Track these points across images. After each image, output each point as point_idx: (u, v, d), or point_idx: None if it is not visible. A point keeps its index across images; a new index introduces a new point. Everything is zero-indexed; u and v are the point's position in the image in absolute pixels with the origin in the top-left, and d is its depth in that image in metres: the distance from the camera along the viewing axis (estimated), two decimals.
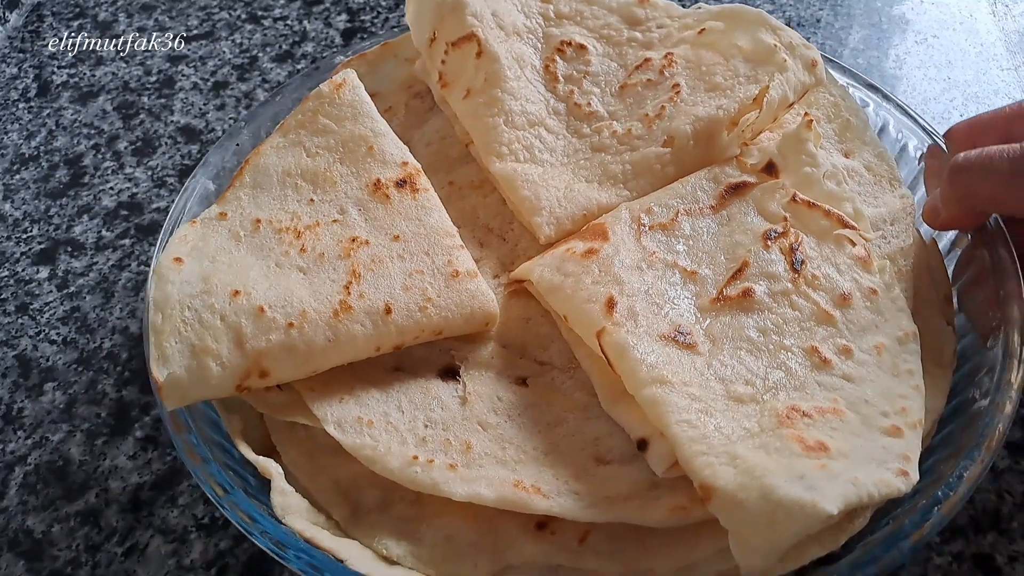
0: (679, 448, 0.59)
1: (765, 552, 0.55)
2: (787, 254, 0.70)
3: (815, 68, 0.84)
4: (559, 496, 0.62)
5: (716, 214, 0.75)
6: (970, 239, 0.75)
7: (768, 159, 0.77)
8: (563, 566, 0.62)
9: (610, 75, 0.86)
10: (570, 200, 0.77)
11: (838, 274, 0.70)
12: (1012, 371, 0.65)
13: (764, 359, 0.65)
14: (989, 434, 0.62)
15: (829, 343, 0.66)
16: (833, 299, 0.68)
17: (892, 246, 0.76)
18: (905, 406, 0.63)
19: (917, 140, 0.83)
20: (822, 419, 0.61)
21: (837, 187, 0.75)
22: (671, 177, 0.79)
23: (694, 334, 0.66)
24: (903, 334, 0.67)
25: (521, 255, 0.78)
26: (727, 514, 0.56)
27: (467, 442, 0.65)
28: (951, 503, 0.59)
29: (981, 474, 0.60)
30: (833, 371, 0.65)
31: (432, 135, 0.88)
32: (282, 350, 0.64)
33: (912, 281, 0.74)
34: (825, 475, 0.56)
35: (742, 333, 0.67)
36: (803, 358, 0.65)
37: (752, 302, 0.68)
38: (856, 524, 0.61)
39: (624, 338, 0.64)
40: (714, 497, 0.56)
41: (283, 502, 0.62)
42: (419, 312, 0.68)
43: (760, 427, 0.61)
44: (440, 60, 0.86)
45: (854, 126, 0.85)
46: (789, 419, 0.61)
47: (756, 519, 0.54)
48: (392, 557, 0.62)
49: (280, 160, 0.75)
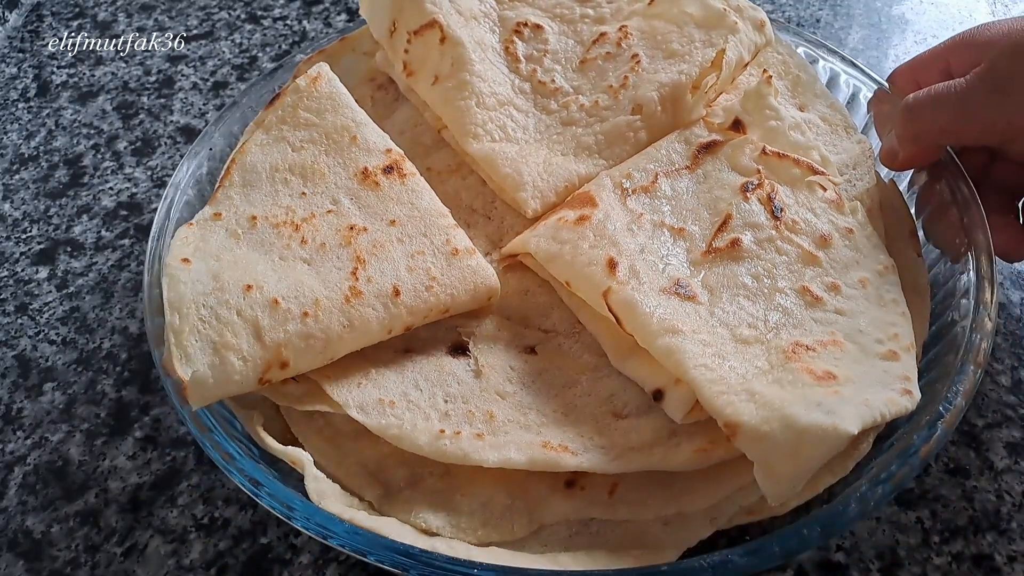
0: (700, 391, 0.61)
1: (792, 479, 0.58)
2: (766, 203, 0.74)
3: (764, 28, 0.87)
4: (586, 452, 0.64)
5: (692, 173, 0.78)
6: (927, 176, 0.80)
7: (734, 117, 0.80)
8: (596, 519, 0.65)
9: (569, 52, 0.89)
10: (551, 173, 0.80)
11: (815, 217, 0.74)
12: (985, 291, 0.70)
13: (761, 302, 0.69)
14: (975, 350, 0.66)
15: (818, 281, 0.70)
16: (815, 241, 0.72)
17: (857, 188, 0.80)
18: (896, 332, 0.67)
19: (865, 88, 0.87)
20: (824, 351, 0.65)
21: (802, 137, 0.79)
22: (644, 143, 0.82)
23: (693, 286, 0.69)
24: (882, 267, 0.71)
25: (508, 231, 0.80)
26: (754, 446, 0.58)
27: (489, 412, 0.66)
28: (952, 416, 0.63)
29: (974, 388, 0.65)
30: (826, 307, 0.68)
31: (403, 124, 0.89)
32: (300, 339, 0.64)
33: (880, 219, 0.78)
34: (839, 400, 0.59)
35: (737, 280, 0.70)
36: (796, 298, 0.69)
37: (741, 251, 0.71)
38: (861, 449, 0.65)
39: (631, 295, 0.67)
40: (740, 432, 0.59)
41: (317, 488, 0.62)
42: (426, 291, 0.69)
43: (770, 364, 0.64)
44: (403, 50, 0.87)
45: (804, 81, 0.89)
46: (795, 354, 0.64)
47: (782, 448, 0.57)
48: (432, 529, 0.63)
49: (266, 156, 0.75)
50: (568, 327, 0.74)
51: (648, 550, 0.62)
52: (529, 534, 0.64)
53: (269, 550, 0.69)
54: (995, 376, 0.78)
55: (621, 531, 0.64)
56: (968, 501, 0.71)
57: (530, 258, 0.75)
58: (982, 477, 0.72)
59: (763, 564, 0.57)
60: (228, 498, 0.72)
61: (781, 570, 0.67)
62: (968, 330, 0.68)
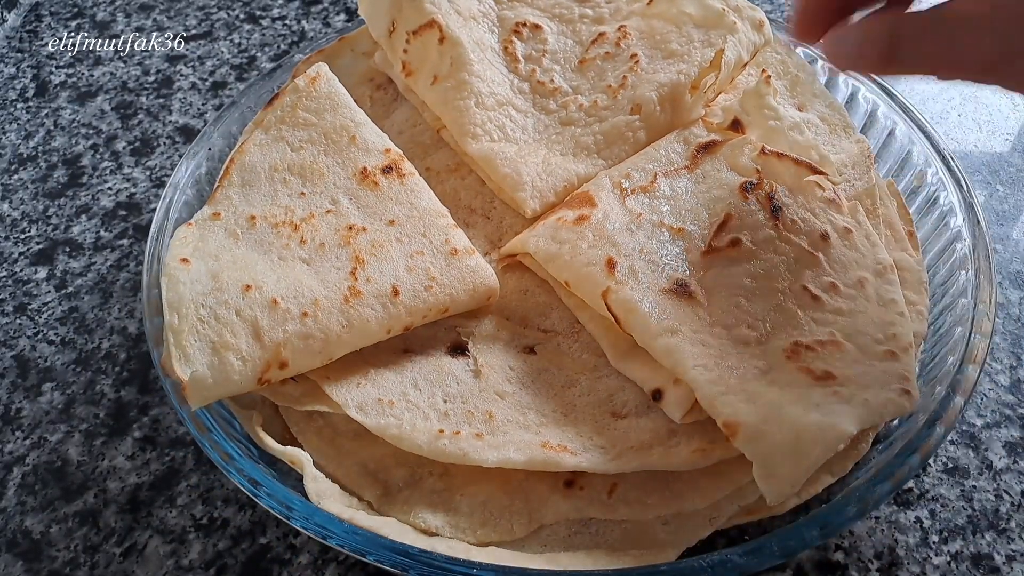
0: (699, 391, 0.62)
1: (791, 479, 0.58)
2: (764, 203, 0.74)
3: (763, 28, 0.87)
4: (585, 452, 0.64)
5: (691, 173, 0.78)
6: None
7: (733, 117, 0.80)
8: (595, 519, 0.65)
9: (568, 52, 0.89)
10: (550, 173, 0.80)
11: (814, 217, 0.73)
12: (984, 291, 0.70)
13: (760, 303, 0.68)
14: (973, 349, 0.66)
15: (816, 282, 0.69)
16: (813, 240, 0.72)
17: (856, 188, 0.80)
18: (895, 332, 0.66)
19: (865, 88, 0.87)
20: (823, 351, 0.65)
21: (801, 136, 0.79)
22: (643, 143, 0.82)
23: (691, 286, 0.69)
24: (881, 267, 0.71)
25: (507, 231, 0.80)
26: (753, 447, 0.59)
27: (488, 411, 0.67)
28: (950, 416, 0.63)
29: (973, 387, 0.65)
30: (824, 307, 0.68)
31: (402, 124, 0.89)
32: (299, 339, 0.65)
33: (879, 218, 0.78)
34: (837, 400, 0.60)
35: (736, 281, 0.70)
36: (795, 298, 0.69)
37: (740, 251, 0.71)
38: (860, 449, 0.66)
39: (630, 295, 0.67)
40: (739, 433, 0.59)
41: (317, 488, 0.62)
42: (425, 291, 0.69)
43: (769, 365, 0.64)
44: (402, 50, 0.87)
45: (803, 80, 0.89)
46: (795, 354, 0.64)
47: (781, 448, 0.58)
48: (431, 529, 0.63)
49: (265, 156, 0.76)
50: (567, 327, 0.74)
51: (647, 550, 0.62)
52: (528, 534, 0.64)
53: (268, 550, 0.69)
54: (994, 375, 0.78)
55: (620, 531, 0.64)
56: (967, 501, 0.71)
57: (529, 258, 0.75)
58: (981, 477, 0.72)
59: (762, 564, 0.57)
60: (227, 498, 0.72)
61: (780, 569, 0.67)
62: (967, 330, 0.68)
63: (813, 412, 0.58)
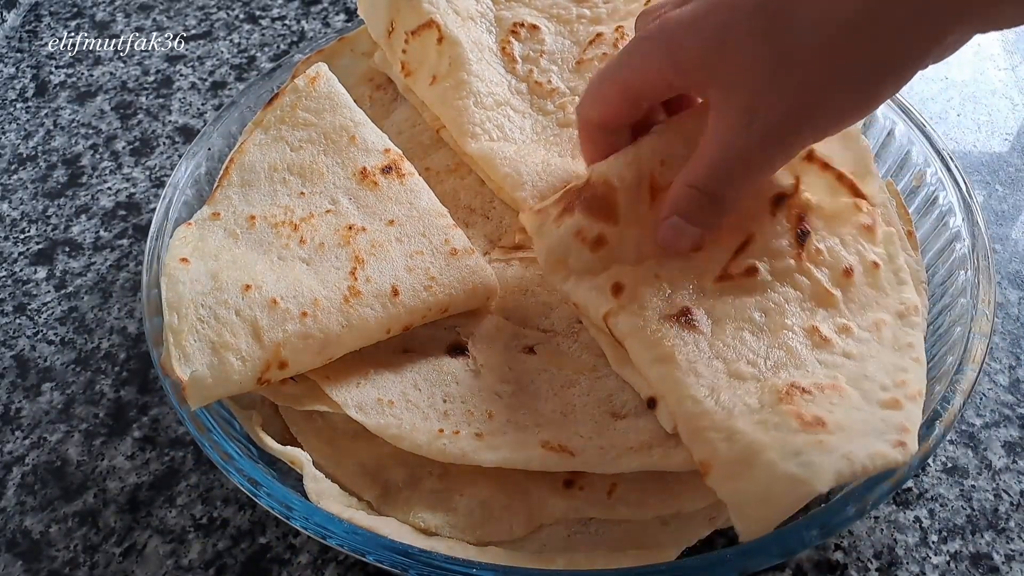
0: (682, 424, 0.60)
1: (761, 523, 0.56)
2: (792, 224, 0.69)
3: None
4: (585, 452, 0.64)
5: None
6: None
7: None
8: (595, 519, 0.65)
9: (565, 52, 0.89)
10: (549, 173, 0.79)
11: (842, 247, 0.69)
12: (983, 290, 0.70)
13: (765, 339, 0.65)
14: (972, 349, 0.66)
15: (829, 322, 0.66)
16: (835, 276, 0.68)
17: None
18: (904, 379, 0.63)
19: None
20: (821, 395, 0.61)
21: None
22: None
23: (696, 316, 0.66)
24: (904, 308, 0.67)
25: (507, 231, 0.80)
26: (724, 489, 0.57)
27: (488, 411, 0.67)
28: (949, 416, 0.63)
29: (972, 387, 0.65)
30: (833, 349, 0.65)
31: (401, 124, 0.89)
32: (299, 339, 0.65)
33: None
34: (819, 451, 0.56)
35: (744, 314, 0.66)
36: (804, 337, 0.65)
37: (755, 282, 0.67)
38: None
39: (631, 320, 0.65)
40: (711, 472, 0.57)
41: (316, 488, 0.62)
42: (425, 291, 0.69)
43: (760, 403, 0.61)
44: (401, 49, 0.87)
45: None
46: (789, 395, 0.61)
47: (752, 494, 0.56)
48: (430, 529, 0.63)
49: (264, 156, 0.76)
50: (567, 327, 0.74)
51: (647, 550, 0.62)
52: (528, 534, 0.64)
53: (268, 550, 0.69)
54: (993, 375, 0.78)
55: (620, 531, 0.64)
56: (966, 500, 0.71)
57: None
58: (980, 476, 0.72)
59: (761, 564, 0.57)
60: (227, 498, 0.72)
61: (779, 569, 0.67)
62: (966, 330, 0.68)
63: (790, 462, 0.55)
